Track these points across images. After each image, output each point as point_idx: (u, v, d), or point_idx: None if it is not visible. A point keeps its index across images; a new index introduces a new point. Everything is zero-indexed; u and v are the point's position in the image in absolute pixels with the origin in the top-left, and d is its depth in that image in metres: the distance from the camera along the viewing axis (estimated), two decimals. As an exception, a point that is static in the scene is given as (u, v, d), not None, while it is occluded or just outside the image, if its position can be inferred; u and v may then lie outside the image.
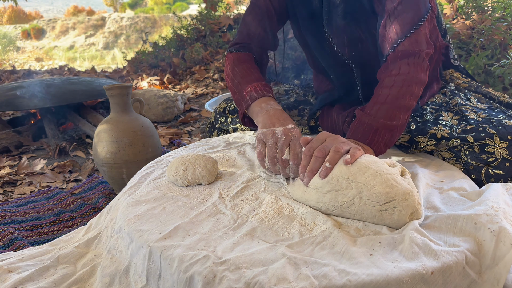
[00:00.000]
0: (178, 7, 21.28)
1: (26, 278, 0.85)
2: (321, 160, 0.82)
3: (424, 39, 1.01)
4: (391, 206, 0.73)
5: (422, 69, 1.00)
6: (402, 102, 0.97)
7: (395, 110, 0.96)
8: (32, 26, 19.88)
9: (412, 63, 0.99)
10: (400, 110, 0.96)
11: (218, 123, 1.48)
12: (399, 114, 0.96)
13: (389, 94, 0.97)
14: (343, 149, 0.82)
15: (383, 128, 0.95)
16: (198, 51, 4.14)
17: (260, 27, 1.21)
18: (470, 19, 2.29)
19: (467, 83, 1.28)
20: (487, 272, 0.65)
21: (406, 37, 1.00)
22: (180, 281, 0.68)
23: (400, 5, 1.00)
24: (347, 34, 1.14)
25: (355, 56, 1.16)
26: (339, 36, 1.15)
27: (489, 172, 0.97)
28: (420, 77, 0.99)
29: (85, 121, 2.42)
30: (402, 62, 0.99)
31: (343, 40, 1.15)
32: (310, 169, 0.82)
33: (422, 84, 1.01)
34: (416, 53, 0.99)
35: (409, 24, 1.00)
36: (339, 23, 1.13)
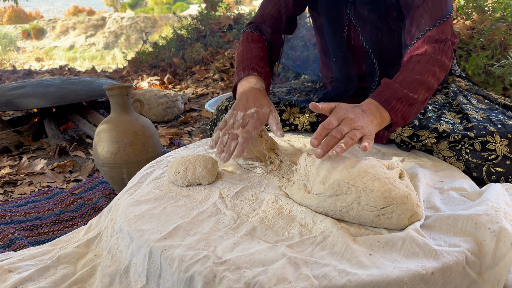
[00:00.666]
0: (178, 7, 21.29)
1: (27, 278, 0.85)
2: (337, 140, 0.84)
3: (450, 30, 1.06)
4: (389, 211, 0.73)
5: (446, 55, 1.04)
6: (425, 78, 1.00)
7: (418, 84, 0.99)
8: (33, 26, 19.90)
9: (437, 47, 1.03)
10: (422, 86, 0.99)
11: (220, 120, 1.48)
12: (420, 90, 0.99)
13: (414, 68, 1.00)
14: (357, 138, 0.84)
15: (405, 99, 0.97)
16: (198, 51, 4.14)
17: (275, 9, 1.27)
18: (470, 19, 2.29)
19: (468, 86, 1.31)
20: (487, 272, 0.65)
21: (434, 26, 1.05)
22: (180, 281, 0.68)
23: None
24: (369, 22, 1.20)
25: (374, 44, 1.21)
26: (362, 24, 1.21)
27: (490, 170, 0.98)
28: (444, 61, 1.03)
29: (85, 121, 2.42)
30: (428, 45, 1.04)
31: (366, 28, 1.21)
32: (326, 143, 0.84)
33: (445, 69, 1.04)
34: (442, 40, 1.04)
35: (438, 16, 1.06)
36: (362, 11, 1.19)
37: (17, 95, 2.38)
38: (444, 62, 1.03)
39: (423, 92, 1.00)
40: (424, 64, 1.01)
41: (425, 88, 1.00)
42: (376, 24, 1.21)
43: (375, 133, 0.90)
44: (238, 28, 4.40)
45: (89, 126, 2.36)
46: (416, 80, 0.99)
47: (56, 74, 5.30)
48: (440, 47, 1.03)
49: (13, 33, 18.65)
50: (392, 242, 0.69)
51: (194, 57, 4.12)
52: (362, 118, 0.89)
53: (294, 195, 0.85)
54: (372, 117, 0.91)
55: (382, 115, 0.95)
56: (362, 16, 1.21)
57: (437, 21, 1.06)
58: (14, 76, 4.99)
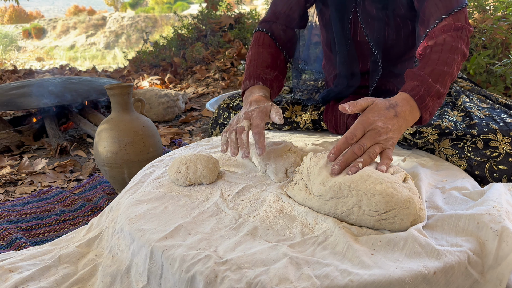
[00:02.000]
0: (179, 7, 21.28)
1: (27, 278, 0.85)
2: (356, 157, 0.82)
3: (466, 19, 1.05)
4: (391, 215, 0.73)
5: (463, 42, 1.03)
6: (451, 70, 0.98)
7: (446, 76, 0.97)
8: (33, 25, 19.91)
9: (455, 35, 1.02)
10: (449, 78, 0.98)
11: (221, 118, 1.49)
12: (448, 82, 0.98)
13: (439, 59, 0.98)
14: (377, 154, 0.83)
15: (436, 95, 0.95)
16: (199, 51, 4.14)
17: (286, 6, 1.27)
18: (471, 19, 2.29)
19: (470, 86, 1.31)
20: (489, 272, 0.65)
21: (450, 14, 1.03)
22: (182, 281, 0.68)
23: None
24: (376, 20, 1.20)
25: (379, 41, 1.21)
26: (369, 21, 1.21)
27: (492, 168, 0.97)
28: (463, 49, 1.02)
29: (86, 121, 2.42)
30: (446, 34, 1.02)
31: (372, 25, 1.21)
32: (345, 159, 0.82)
33: (464, 56, 1.03)
34: (459, 28, 1.02)
35: (453, 5, 1.04)
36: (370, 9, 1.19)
37: (18, 94, 2.38)
38: (463, 50, 1.02)
39: (449, 84, 0.99)
40: (447, 54, 0.99)
41: (449, 77, 0.98)
42: (384, 21, 1.21)
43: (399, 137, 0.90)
44: (238, 28, 4.39)
45: (90, 125, 2.36)
46: (444, 72, 0.97)
47: (57, 73, 5.30)
48: (458, 35, 1.02)
49: (14, 33, 18.66)
50: (394, 242, 0.69)
51: (194, 57, 4.11)
52: (391, 126, 0.86)
53: (296, 196, 0.85)
54: (403, 123, 0.89)
55: (414, 116, 0.93)
56: (370, 13, 1.21)
57: (453, 9, 1.04)
58: (15, 76, 4.99)
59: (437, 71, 0.97)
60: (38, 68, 7.31)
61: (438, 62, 0.98)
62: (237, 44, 4.07)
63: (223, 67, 3.75)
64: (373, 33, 1.22)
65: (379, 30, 1.21)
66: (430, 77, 0.95)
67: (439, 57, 0.99)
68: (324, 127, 1.33)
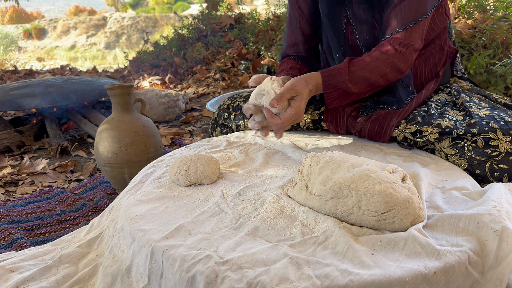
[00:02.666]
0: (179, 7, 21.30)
1: (28, 277, 0.85)
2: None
3: (418, 36, 1.13)
4: (391, 216, 0.73)
5: (405, 60, 1.13)
6: (373, 77, 1.13)
7: (363, 81, 1.13)
8: (34, 26, 19.92)
9: (401, 52, 1.12)
10: (366, 82, 1.13)
11: (221, 119, 1.49)
12: (363, 86, 1.14)
13: (369, 64, 1.12)
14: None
15: (344, 91, 1.13)
16: (200, 51, 4.14)
17: (297, 34, 1.39)
18: (472, 19, 2.29)
19: (469, 87, 1.32)
20: (489, 272, 0.65)
21: (404, 29, 1.12)
22: (182, 281, 0.68)
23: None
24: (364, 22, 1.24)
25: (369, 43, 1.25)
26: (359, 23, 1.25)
27: (493, 167, 0.97)
28: (399, 66, 1.13)
29: (87, 121, 2.43)
30: (392, 47, 1.12)
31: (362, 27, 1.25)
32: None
33: (399, 72, 1.14)
34: (407, 45, 1.11)
35: (410, 18, 1.11)
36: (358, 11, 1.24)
37: (18, 95, 2.38)
38: (399, 66, 1.12)
39: (364, 87, 1.14)
40: (379, 63, 1.11)
41: (368, 84, 1.14)
42: (372, 23, 1.23)
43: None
44: (239, 28, 4.39)
45: (90, 125, 2.36)
46: (365, 77, 1.12)
47: (57, 74, 5.30)
48: (401, 51, 1.11)
49: (14, 33, 18.67)
50: (394, 242, 0.69)
51: (195, 57, 4.12)
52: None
53: (296, 197, 0.85)
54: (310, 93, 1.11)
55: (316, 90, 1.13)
56: (358, 15, 1.24)
57: (408, 24, 1.11)
58: (16, 76, 4.99)
59: (359, 73, 1.12)
60: (38, 69, 7.32)
61: (366, 67, 1.12)
62: (238, 44, 4.07)
63: (224, 67, 3.75)
64: (363, 35, 1.26)
65: (368, 32, 1.25)
66: (349, 76, 1.11)
67: (370, 62, 1.12)
68: (324, 127, 1.33)
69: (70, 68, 5.83)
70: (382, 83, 1.15)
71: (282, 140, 1.25)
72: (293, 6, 1.37)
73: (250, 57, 3.80)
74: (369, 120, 1.20)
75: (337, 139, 1.24)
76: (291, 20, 1.39)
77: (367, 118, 1.21)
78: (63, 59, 13.98)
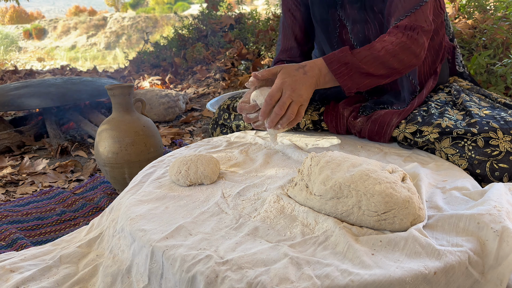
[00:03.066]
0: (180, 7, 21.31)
1: (28, 278, 0.85)
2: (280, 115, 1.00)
3: (423, 18, 1.11)
4: (391, 216, 0.73)
5: (417, 42, 1.10)
6: (384, 56, 1.08)
7: (373, 59, 1.08)
8: (34, 26, 19.93)
9: (409, 35, 1.10)
10: (377, 61, 1.08)
11: (222, 119, 1.49)
12: (375, 65, 1.08)
13: (375, 46, 1.09)
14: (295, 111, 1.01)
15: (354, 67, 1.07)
16: (200, 51, 4.14)
17: (287, 42, 1.39)
18: (472, 19, 2.29)
19: (469, 86, 1.32)
20: (490, 272, 0.65)
21: (406, 16, 1.11)
22: (182, 281, 0.68)
23: None
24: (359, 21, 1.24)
25: (364, 42, 1.25)
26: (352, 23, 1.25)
27: (493, 166, 0.97)
28: (411, 47, 1.10)
29: (87, 121, 2.43)
30: (399, 32, 1.11)
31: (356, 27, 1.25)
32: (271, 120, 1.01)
33: (413, 54, 1.11)
34: (414, 27, 1.10)
35: (412, 3, 1.11)
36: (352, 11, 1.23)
37: (18, 95, 2.38)
38: (410, 47, 1.09)
39: (379, 68, 1.08)
40: (387, 43, 1.08)
41: (381, 64, 1.08)
42: (367, 21, 1.24)
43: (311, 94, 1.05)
44: (239, 28, 4.39)
45: (90, 126, 2.36)
46: (373, 56, 1.07)
47: (57, 74, 5.30)
48: (411, 35, 1.09)
49: (14, 33, 18.67)
50: (394, 242, 0.69)
51: (195, 57, 4.12)
52: (301, 84, 1.02)
53: (296, 197, 0.85)
54: (313, 80, 1.04)
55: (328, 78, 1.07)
56: (352, 15, 1.25)
57: (410, 10, 1.11)
58: (16, 76, 4.99)
59: (364, 52, 1.08)
60: (39, 69, 7.32)
61: (372, 48, 1.08)
62: (238, 45, 4.08)
63: (224, 67, 3.75)
64: (358, 35, 1.26)
65: (362, 30, 1.25)
66: (354, 53, 1.07)
67: (375, 43, 1.09)
68: (324, 128, 1.33)
69: (70, 68, 5.83)
70: (397, 65, 1.09)
71: (282, 140, 1.25)
72: (285, 13, 1.38)
73: (250, 57, 3.80)
74: (369, 120, 1.20)
75: (337, 139, 1.24)
76: (284, 26, 1.39)
77: (367, 118, 1.21)
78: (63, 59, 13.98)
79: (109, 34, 18.58)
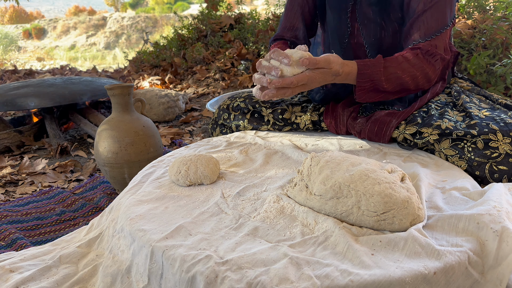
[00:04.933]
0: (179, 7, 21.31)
1: (28, 278, 0.85)
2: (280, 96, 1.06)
3: (442, 45, 1.15)
4: (390, 216, 0.73)
5: (433, 67, 1.14)
6: (404, 77, 1.12)
7: (395, 79, 1.12)
8: (34, 26, 19.92)
9: (428, 60, 1.13)
10: (397, 81, 1.12)
11: (221, 119, 1.49)
12: (395, 84, 1.12)
13: (401, 63, 1.12)
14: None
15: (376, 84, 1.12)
16: (199, 51, 4.13)
17: (289, 22, 1.37)
18: (471, 19, 2.29)
19: (470, 87, 1.32)
20: (489, 272, 0.65)
21: (426, 40, 1.14)
22: (182, 281, 0.68)
23: (430, 9, 1.13)
24: (373, 22, 1.24)
25: (375, 43, 1.26)
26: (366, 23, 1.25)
27: (493, 168, 0.97)
28: (428, 73, 1.14)
29: (87, 121, 2.43)
30: (420, 53, 1.13)
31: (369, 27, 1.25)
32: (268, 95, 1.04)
33: (427, 79, 1.15)
34: (434, 54, 1.13)
35: (433, 29, 1.13)
36: (367, 11, 1.24)
37: (18, 95, 2.38)
38: (427, 73, 1.14)
39: (394, 86, 1.13)
40: (411, 65, 1.12)
41: (398, 84, 1.13)
42: (380, 25, 1.23)
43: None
44: (239, 28, 4.39)
45: (90, 125, 2.36)
46: (397, 75, 1.11)
47: (57, 74, 5.30)
48: (428, 60, 1.13)
49: (14, 33, 18.66)
50: (394, 242, 0.69)
51: (195, 57, 4.11)
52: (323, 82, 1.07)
53: (296, 197, 0.85)
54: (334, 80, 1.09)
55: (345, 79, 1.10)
56: (367, 15, 1.24)
57: (430, 35, 1.13)
58: (16, 76, 4.99)
59: (391, 69, 1.11)
60: (38, 68, 7.32)
61: (399, 66, 1.12)
62: (238, 45, 4.07)
63: (224, 67, 3.75)
64: (369, 35, 1.25)
65: (374, 32, 1.25)
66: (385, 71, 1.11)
67: (402, 62, 1.12)
68: (324, 128, 1.33)
69: (70, 68, 5.83)
70: (411, 87, 1.15)
71: (282, 140, 1.26)
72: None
73: (250, 57, 3.80)
74: (368, 121, 1.20)
75: (337, 139, 1.24)
76: (293, 3, 1.37)
77: (366, 119, 1.21)
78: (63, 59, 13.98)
79: (108, 34, 18.57)
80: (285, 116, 1.35)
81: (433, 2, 1.12)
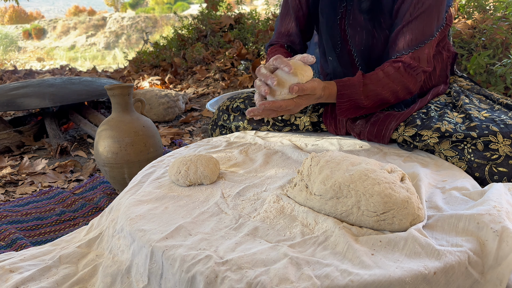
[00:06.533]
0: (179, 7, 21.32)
1: (28, 278, 0.85)
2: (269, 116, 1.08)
3: (425, 58, 1.14)
4: (390, 216, 0.73)
5: (414, 80, 1.15)
6: (384, 93, 1.14)
7: (375, 96, 1.14)
8: (33, 26, 19.93)
9: (410, 73, 1.14)
10: (377, 97, 1.14)
11: (221, 120, 1.49)
12: (374, 100, 1.15)
13: (381, 80, 1.13)
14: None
15: (355, 103, 1.14)
16: (199, 51, 4.13)
17: (284, 27, 1.37)
18: (471, 19, 2.29)
19: (469, 86, 1.31)
20: (489, 272, 0.65)
21: (409, 52, 1.13)
22: (182, 281, 0.68)
23: (415, 20, 1.12)
24: (365, 29, 1.23)
25: (364, 51, 1.25)
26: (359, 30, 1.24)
27: (492, 170, 0.97)
28: (409, 86, 1.15)
29: (87, 121, 2.43)
30: (402, 66, 1.13)
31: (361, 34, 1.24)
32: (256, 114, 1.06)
33: (408, 92, 1.17)
34: (415, 68, 1.13)
35: (418, 40, 1.13)
36: (359, 18, 1.23)
37: (18, 95, 2.38)
38: (408, 86, 1.15)
39: (374, 102, 1.15)
40: (391, 80, 1.13)
41: (378, 99, 1.15)
42: (372, 31, 1.22)
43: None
44: (239, 28, 4.39)
45: (90, 126, 2.36)
46: (377, 92, 1.13)
47: (57, 74, 5.30)
48: (410, 73, 1.14)
49: (14, 33, 18.67)
50: (394, 242, 0.69)
51: (195, 57, 4.11)
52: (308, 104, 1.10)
53: (296, 197, 0.85)
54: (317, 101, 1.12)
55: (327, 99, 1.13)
56: (359, 22, 1.23)
57: (414, 47, 1.13)
58: (15, 76, 4.99)
59: (371, 87, 1.13)
60: (38, 69, 7.32)
61: (379, 82, 1.13)
62: (237, 45, 4.07)
63: (223, 68, 3.75)
64: (360, 43, 1.24)
65: (366, 40, 1.24)
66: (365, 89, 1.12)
67: (383, 77, 1.13)
68: (323, 129, 1.33)
69: (70, 68, 5.83)
70: (392, 100, 1.16)
71: (282, 140, 1.25)
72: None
73: (250, 57, 3.80)
74: (368, 122, 1.20)
75: (337, 139, 1.24)
76: (288, 8, 1.37)
77: (366, 121, 1.21)
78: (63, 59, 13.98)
79: (108, 34, 18.58)
80: (284, 117, 1.35)
81: (419, 12, 1.11)
